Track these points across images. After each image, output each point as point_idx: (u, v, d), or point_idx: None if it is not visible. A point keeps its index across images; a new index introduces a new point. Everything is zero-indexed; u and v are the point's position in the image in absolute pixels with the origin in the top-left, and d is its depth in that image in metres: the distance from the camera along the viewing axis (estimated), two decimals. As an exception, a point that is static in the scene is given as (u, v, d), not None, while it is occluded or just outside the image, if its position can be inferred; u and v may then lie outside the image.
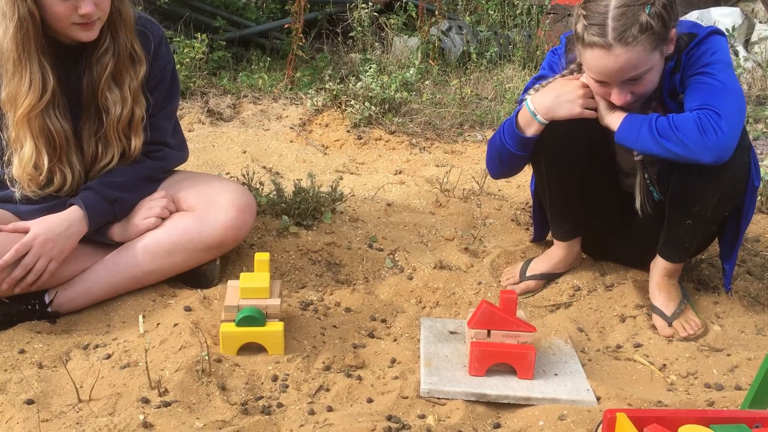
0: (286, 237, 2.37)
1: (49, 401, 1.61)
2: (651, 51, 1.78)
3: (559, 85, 1.94)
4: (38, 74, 1.83)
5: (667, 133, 1.78)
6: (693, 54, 1.87)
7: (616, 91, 1.84)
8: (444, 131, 3.69)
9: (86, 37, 1.85)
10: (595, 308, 2.14)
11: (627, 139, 1.85)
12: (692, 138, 1.75)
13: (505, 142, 2.01)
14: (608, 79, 1.83)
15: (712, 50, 1.85)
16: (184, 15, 4.63)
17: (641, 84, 1.83)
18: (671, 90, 1.92)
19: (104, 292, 2.00)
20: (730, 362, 1.87)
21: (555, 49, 2.13)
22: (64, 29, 1.83)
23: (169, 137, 2.13)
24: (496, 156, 2.08)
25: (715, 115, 1.75)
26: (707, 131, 1.74)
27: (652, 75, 1.83)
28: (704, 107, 1.77)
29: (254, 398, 1.65)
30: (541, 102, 1.93)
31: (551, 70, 2.09)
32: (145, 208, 2.03)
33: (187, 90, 4.04)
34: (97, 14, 1.82)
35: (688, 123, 1.76)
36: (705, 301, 2.16)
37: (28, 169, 1.89)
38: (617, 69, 1.78)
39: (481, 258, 2.39)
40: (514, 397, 1.68)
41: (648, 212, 2.08)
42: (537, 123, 1.95)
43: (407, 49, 4.87)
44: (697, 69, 1.84)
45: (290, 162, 3.34)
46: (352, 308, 2.07)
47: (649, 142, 1.80)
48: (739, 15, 5.36)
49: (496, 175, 2.18)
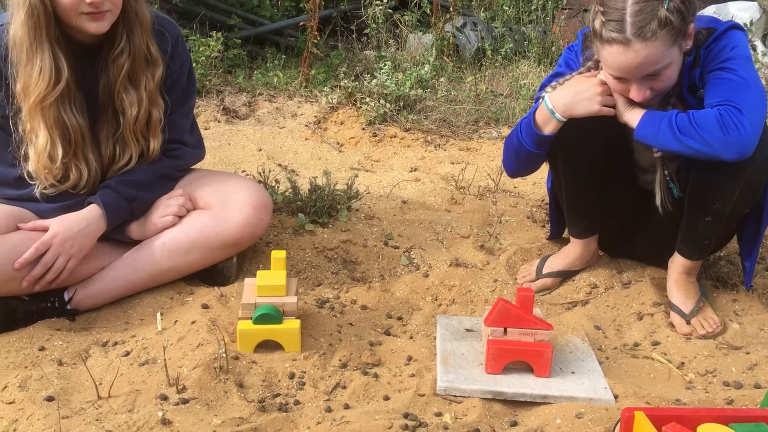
0: (302, 235, 2.38)
1: (69, 398, 1.63)
2: (670, 46, 1.76)
3: (577, 82, 1.93)
4: (49, 62, 1.84)
5: (687, 130, 1.76)
6: (712, 49, 1.85)
7: (635, 87, 1.82)
8: (459, 128, 3.68)
9: (95, 28, 1.85)
10: (612, 306, 2.13)
11: (647, 136, 1.83)
12: (714, 135, 1.73)
13: (523, 140, 2.00)
14: (627, 76, 1.81)
15: (732, 45, 1.84)
16: (200, 13, 4.65)
17: (660, 79, 1.82)
18: (690, 85, 1.90)
19: (122, 289, 2.02)
20: (749, 360, 1.86)
21: (571, 45, 2.12)
22: (73, 19, 1.83)
23: (186, 136, 2.14)
24: (513, 154, 2.07)
25: (737, 111, 1.73)
26: (729, 128, 1.72)
27: (671, 70, 1.82)
28: (725, 103, 1.75)
29: (271, 395, 1.66)
30: (559, 100, 1.92)
31: (568, 67, 2.08)
32: (163, 207, 2.04)
33: (203, 88, 4.06)
34: (106, 5, 1.82)
35: (709, 119, 1.75)
36: (723, 299, 2.14)
37: (42, 159, 1.90)
38: (636, 65, 1.77)
39: (497, 255, 2.38)
40: (531, 395, 1.68)
41: (668, 209, 2.07)
42: (555, 121, 1.94)
43: (422, 45, 4.86)
44: (717, 64, 1.83)
45: (305, 160, 3.35)
46: (368, 306, 2.07)
47: (669, 139, 1.79)
48: (756, 9, 5.30)
49: (513, 174, 2.18)
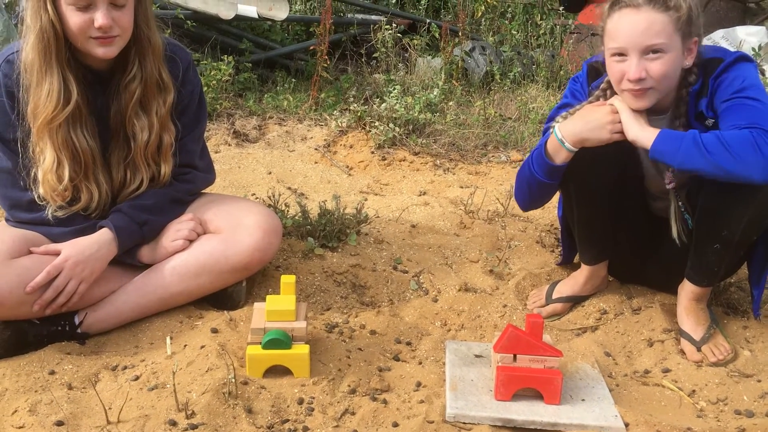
0: (312, 259, 2.38)
1: (78, 423, 1.63)
2: (675, 30, 1.81)
3: (587, 112, 1.94)
4: (57, 84, 1.86)
5: (716, 149, 1.73)
6: (723, 80, 1.86)
7: (633, 63, 1.83)
8: (468, 152, 3.69)
9: (104, 53, 1.87)
10: (622, 332, 2.12)
11: (665, 152, 1.80)
12: (748, 154, 1.71)
13: (534, 171, 2.01)
14: (628, 44, 1.83)
15: (743, 76, 1.85)
16: (211, 38, 4.70)
17: (658, 63, 1.83)
18: (698, 114, 1.90)
19: (133, 313, 2.03)
20: (761, 388, 1.84)
21: (576, 76, 2.14)
22: (82, 43, 1.86)
23: (197, 160, 2.16)
24: (526, 186, 2.08)
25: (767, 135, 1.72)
26: (763, 149, 1.71)
27: (670, 60, 1.83)
28: (754, 126, 1.74)
29: (280, 421, 1.66)
30: (569, 130, 1.93)
31: (574, 98, 2.10)
32: (173, 231, 2.06)
33: (213, 112, 4.09)
34: (115, 30, 1.85)
35: (742, 140, 1.73)
36: (734, 326, 2.13)
37: (49, 179, 1.91)
38: (642, 29, 1.80)
39: (507, 280, 2.38)
40: (541, 422, 1.67)
41: (684, 241, 2.05)
42: (566, 151, 1.94)
43: (431, 69, 4.89)
44: (734, 93, 1.83)
45: (315, 183, 3.36)
46: (377, 331, 2.07)
47: (694, 157, 1.76)
48: (765, 34, 5.31)
49: (526, 207, 2.18)
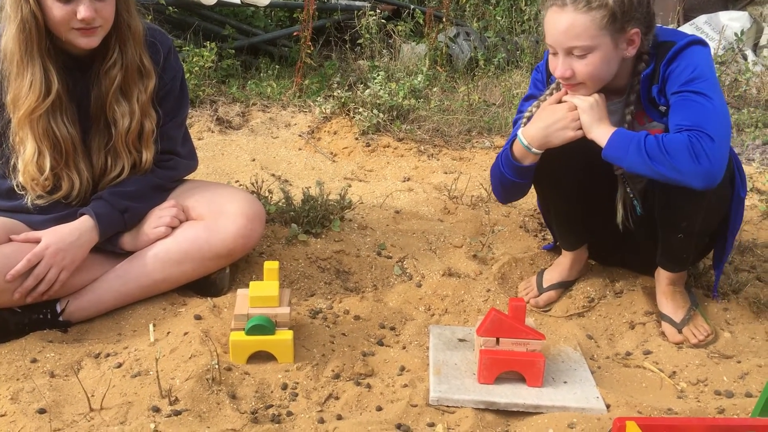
0: (295, 245, 2.38)
1: (60, 410, 1.63)
2: (599, 29, 1.80)
3: (547, 114, 1.92)
4: (39, 75, 1.85)
5: (656, 156, 1.74)
6: (675, 67, 1.83)
7: (560, 61, 1.85)
8: (452, 138, 3.70)
9: (86, 44, 1.86)
10: (604, 315, 2.14)
11: (615, 157, 1.82)
12: (684, 163, 1.71)
13: (504, 172, 2.02)
14: (554, 43, 1.85)
15: (694, 64, 1.81)
16: (193, 24, 4.66)
17: (584, 63, 1.83)
18: (650, 100, 1.91)
19: (115, 300, 2.02)
20: (740, 369, 1.87)
21: (538, 66, 2.15)
22: (64, 34, 1.84)
23: (179, 146, 2.14)
24: (499, 184, 2.09)
25: (708, 140, 1.70)
26: (700, 157, 1.69)
27: (596, 58, 1.83)
28: (695, 128, 1.73)
29: (264, 407, 1.66)
30: (533, 135, 1.93)
31: (536, 88, 2.12)
32: (155, 218, 2.05)
33: (196, 98, 4.07)
34: (98, 21, 1.83)
35: (679, 146, 1.72)
36: (714, 308, 2.15)
37: (30, 169, 1.90)
38: (563, 30, 1.81)
39: (490, 265, 2.39)
40: (524, 405, 1.68)
41: (629, 227, 2.08)
42: (533, 154, 1.95)
43: (415, 55, 4.88)
44: (684, 85, 1.80)
45: (299, 170, 3.35)
46: (361, 316, 2.07)
47: (637, 162, 1.77)
48: (747, 19, 5.34)
49: (503, 201, 2.20)
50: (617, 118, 1.96)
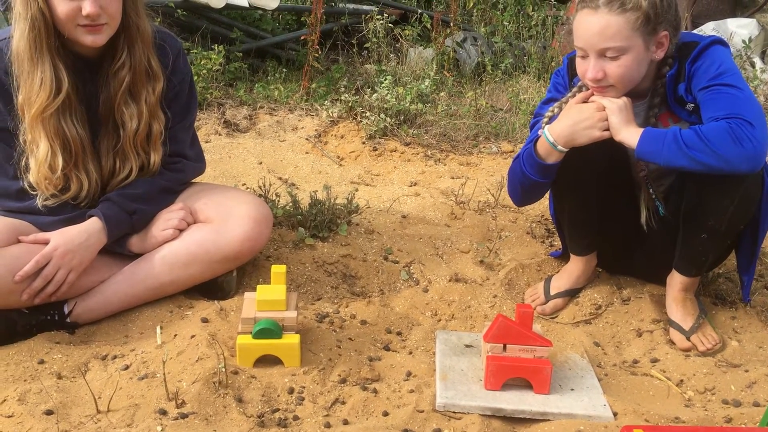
0: (302, 249, 2.38)
1: (68, 412, 1.63)
2: (633, 30, 1.81)
3: (574, 112, 1.93)
4: (49, 73, 1.86)
5: (696, 145, 1.75)
6: (699, 66, 1.87)
7: (591, 63, 1.86)
8: (459, 143, 3.70)
9: (92, 41, 1.86)
10: (611, 323, 2.13)
11: (650, 153, 1.82)
12: (727, 148, 1.72)
13: (526, 171, 2.01)
14: (586, 45, 1.85)
15: (719, 61, 1.85)
16: (202, 27, 4.68)
17: (616, 65, 1.84)
18: (678, 99, 1.92)
19: (122, 302, 2.02)
20: (748, 378, 1.86)
21: (558, 70, 2.15)
22: (70, 31, 1.85)
23: (187, 149, 2.15)
24: (519, 185, 2.08)
25: (748, 125, 1.73)
26: (743, 140, 1.71)
27: (629, 60, 1.84)
28: (733, 116, 1.75)
29: (270, 410, 1.66)
30: (559, 132, 1.93)
31: (557, 91, 2.12)
32: (163, 220, 2.05)
33: (203, 101, 4.08)
34: (103, 18, 1.84)
35: (720, 133, 1.73)
36: (722, 316, 2.14)
37: (43, 169, 1.91)
38: (597, 31, 1.82)
39: (497, 271, 2.39)
40: (530, 411, 1.68)
41: (653, 227, 2.08)
42: (557, 152, 1.95)
43: (422, 60, 4.88)
44: (712, 80, 1.83)
45: (306, 173, 3.36)
46: (368, 321, 2.07)
47: (675, 155, 1.77)
48: (755, 26, 5.33)
49: (520, 203, 2.19)
50: (640, 121, 1.97)
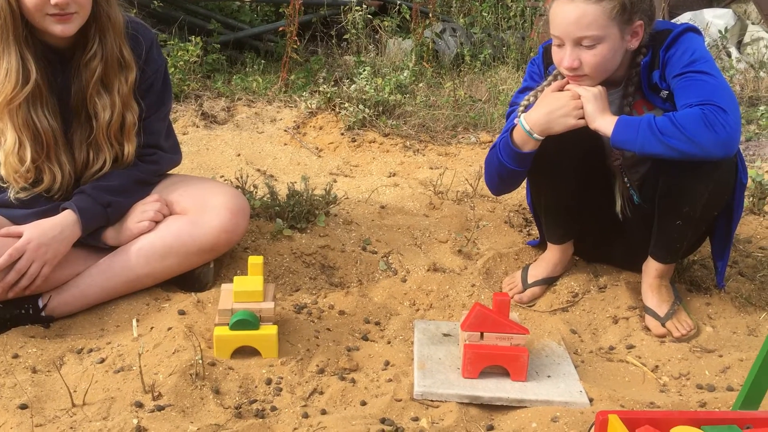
0: (280, 240, 2.37)
1: (42, 406, 1.61)
2: (609, 19, 1.83)
3: (550, 101, 1.94)
4: (16, 64, 1.82)
5: (670, 131, 1.76)
6: (673, 52, 1.89)
7: (567, 52, 1.87)
8: (438, 133, 3.70)
9: (62, 31, 1.83)
10: (588, 310, 2.15)
11: (625, 141, 1.83)
12: (701, 134, 1.74)
13: (503, 160, 2.02)
14: (562, 34, 1.86)
15: (692, 48, 1.87)
16: (179, 18, 4.63)
17: (592, 53, 1.86)
18: (652, 86, 1.94)
19: (98, 296, 2.00)
20: (722, 363, 1.88)
21: (534, 59, 2.16)
22: (39, 21, 1.82)
23: (163, 140, 2.13)
24: (495, 174, 2.09)
25: (721, 111, 1.74)
26: (716, 126, 1.73)
27: (604, 49, 1.86)
28: (707, 103, 1.76)
29: (248, 402, 1.65)
30: (535, 120, 1.93)
31: (533, 80, 2.13)
32: (139, 212, 2.03)
33: (181, 93, 4.04)
34: (72, 7, 1.81)
35: (694, 119, 1.75)
36: (697, 302, 2.17)
37: (11, 161, 1.88)
38: (573, 20, 1.83)
39: (475, 260, 2.39)
40: (507, 399, 1.68)
41: (628, 215, 2.10)
42: (534, 140, 1.96)
43: (401, 51, 4.88)
44: (685, 67, 1.85)
45: (284, 165, 3.34)
46: (346, 311, 2.07)
47: (650, 142, 1.79)
48: (731, 16, 5.38)
49: (497, 192, 2.20)
50: (615, 109, 1.98)
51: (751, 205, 2.83)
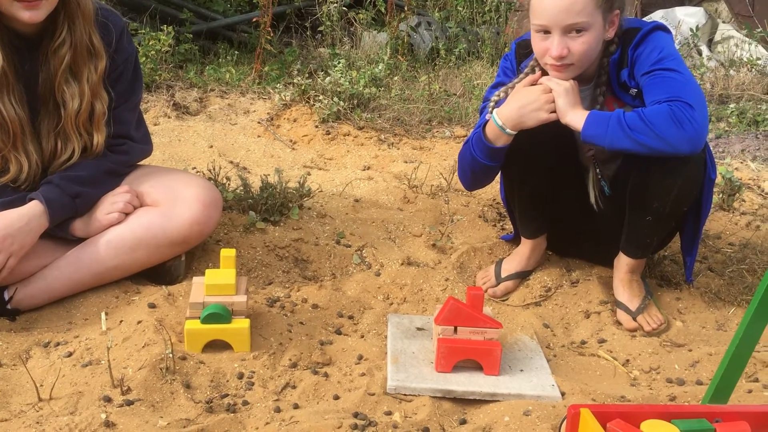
0: (253, 233, 2.35)
1: (8, 400, 1.58)
2: (596, 7, 1.85)
3: (522, 95, 1.95)
4: None
5: (639, 127, 1.78)
6: (642, 50, 1.90)
7: (556, 40, 1.87)
8: (412, 127, 3.69)
9: (29, 17, 1.79)
10: (560, 304, 2.16)
11: (595, 136, 1.85)
12: (668, 130, 1.76)
13: (476, 155, 2.02)
14: (550, 22, 1.86)
15: (660, 46, 1.89)
16: (150, 7, 4.56)
17: (580, 41, 1.87)
18: (621, 84, 1.95)
19: (66, 288, 1.97)
20: (691, 357, 1.90)
21: (507, 55, 2.17)
22: (7, 8, 1.78)
23: (133, 130, 2.09)
24: (469, 169, 2.09)
25: (688, 107, 1.76)
26: (683, 123, 1.75)
27: (591, 37, 1.87)
28: (674, 99, 1.78)
29: (219, 396, 1.63)
30: (507, 115, 1.94)
31: (505, 75, 2.13)
32: (108, 203, 2.00)
33: (152, 83, 3.98)
34: None
35: (661, 115, 1.77)
36: (667, 297, 2.19)
37: None
38: (564, 7, 1.83)
39: (449, 254, 2.39)
40: (480, 393, 1.69)
41: (601, 207, 2.12)
42: (506, 135, 1.96)
43: (376, 44, 4.86)
44: (654, 65, 1.87)
45: (258, 157, 3.31)
46: (319, 305, 2.06)
47: (620, 138, 1.80)
48: (703, 15, 5.45)
49: (470, 187, 2.20)
50: (587, 104, 1.99)
51: (720, 201, 2.86)
